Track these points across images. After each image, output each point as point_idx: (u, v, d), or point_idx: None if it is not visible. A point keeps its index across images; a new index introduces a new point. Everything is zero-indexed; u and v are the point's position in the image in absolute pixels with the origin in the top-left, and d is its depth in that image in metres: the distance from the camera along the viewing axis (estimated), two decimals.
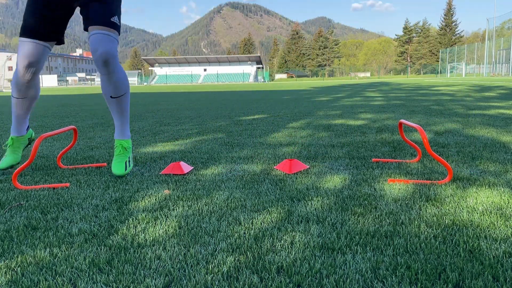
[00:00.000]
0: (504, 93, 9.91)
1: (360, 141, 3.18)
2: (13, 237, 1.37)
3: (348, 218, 1.48)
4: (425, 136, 1.87)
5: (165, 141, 3.44)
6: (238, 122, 4.77)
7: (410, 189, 1.83)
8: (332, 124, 4.33)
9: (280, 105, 7.54)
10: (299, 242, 1.28)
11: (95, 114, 6.46)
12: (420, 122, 4.32)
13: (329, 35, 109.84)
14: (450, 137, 3.24)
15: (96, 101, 10.86)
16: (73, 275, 1.10)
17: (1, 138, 3.83)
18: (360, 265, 1.12)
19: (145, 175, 2.21)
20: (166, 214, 1.57)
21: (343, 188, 1.87)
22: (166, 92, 18.26)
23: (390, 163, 2.38)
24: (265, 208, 1.61)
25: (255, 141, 3.29)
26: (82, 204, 1.72)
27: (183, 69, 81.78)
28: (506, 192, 1.76)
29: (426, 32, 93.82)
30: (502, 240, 1.26)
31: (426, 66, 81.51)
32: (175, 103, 9.17)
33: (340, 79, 66.45)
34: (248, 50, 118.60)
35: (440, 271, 1.08)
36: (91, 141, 3.54)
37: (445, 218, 1.46)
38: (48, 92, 25.00)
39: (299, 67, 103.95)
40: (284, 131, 3.86)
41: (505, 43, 46.55)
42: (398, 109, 6.04)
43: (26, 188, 1.97)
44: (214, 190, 1.89)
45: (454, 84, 19.53)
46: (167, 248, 1.26)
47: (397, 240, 1.28)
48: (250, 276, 1.07)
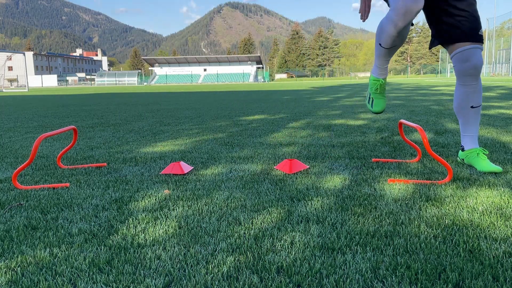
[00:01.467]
0: (504, 93, 9.91)
1: (360, 141, 3.18)
2: (13, 237, 1.37)
3: (348, 218, 1.48)
4: (425, 136, 1.87)
5: (165, 141, 3.44)
6: (238, 122, 4.77)
7: (410, 189, 1.83)
8: (332, 124, 4.33)
9: (280, 105, 7.54)
10: (299, 242, 1.28)
11: (95, 114, 6.46)
12: (420, 122, 4.32)
13: (329, 35, 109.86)
14: (450, 137, 3.24)
15: (96, 101, 10.86)
16: (73, 275, 1.10)
17: (1, 138, 3.83)
18: (360, 265, 1.12)
19: (145, 175, 2.21)
20: (166, 214, 1.57)
21: (343, 188, 1.87)
22: (166, 92, 18.26)
23: (390, 163, 2.38)
24: (265, 208, 1.61)
25: (255, 141, 3.29)
26: (82, 204, 1.72)
27: (183, 69, 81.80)
28: (506, 192, 1.76)
29: (426, 32, 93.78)
30: (502, 240, 1.26)
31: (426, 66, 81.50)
32: (175, 103, 9.17)
33: (340, 79, 66.45)
34: (248, 50, 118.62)
35: (440, 271, 1.08)
36: (91, 141, 3.54)
37: (445, 218, 1.46)
38: (48, 92, 25.00)
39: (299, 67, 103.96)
40: (284, 131, 3.86)
41: (505, 43, 46.56)
42: (398, 109, 6.04)
43: (26, 188, 1.97)
44: (214, 190, 1.89)
45: (454, 84, 19.53)
46: (167, 248, 1.26)
47: (397, 240, 1.28)
48: (250, 276, 1.07)
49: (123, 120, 5.43)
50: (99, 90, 25.87)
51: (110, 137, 3.77)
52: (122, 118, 5.65)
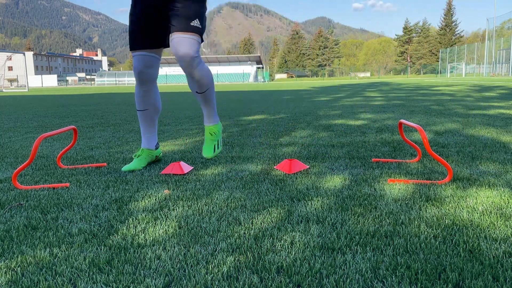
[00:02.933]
0: (504, 93, 9.91)
1: (360, 141, 3.18)
2: (13, 237, 1.37)
3: (348, 218, 1.48)
4: (425, 136, 1.87)
5: (165, 141, 3.44)
6: (238, 122, 4.77)
7: (410, 189, 1.83)
8: (332, 124, 4.33)
9: (280, 105, 7.54)
10: (299, 242, 1.28)
11: (95, 114, 6.46)
12: (420, 122, 4.32)
13: (329, 35, 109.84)
14: (450, 137, 3.24)
15: (96, 101, 10.86)
16: (73, 275, 1.10)
17: (1, 138, 3.83)
18: (360, 265, 1.12)
19: (145, 175, 2.21)
20: (166, 214, 1.57)
21: (343, 188, 1.87)
22: (166, 92, 18.26)
23: (390, 163, 2.38)
24: (265, 208, 1.61)
25: (255, 141, 3.29)
26: (82, 204, 1.72)
27: None
28: (506, 192, 1.76)
29: (426, 32, 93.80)
30: (502, 240, 1.26)
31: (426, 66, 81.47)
32: (175, 103, 9.17)
33: (340, 79, 66.45)
34: (248, 50, 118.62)
35: (440, 271, 1.08)
36: (91, 141, 3.54)
37: (445, 218, 1.46)
38: (48, 92, 25.00)
39: (299, 67, 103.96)
40: (284, 131, 3.86)
41: (505, 43, 46.55)
42: (398, 109, 6.04)
43: (26, 188, 1.97)
44: (214, 190, 1.89)
45: (454, 84, 19.53)
46: (167, 248, 1.26)
47: (397, 240, 1.28)
48: (250, 276, 1.07)
49: (123, 120, 5.43)
50: (99, 90, 25.88)
51: (110, 137, 3.77)
52: (122, 118, 5.65)
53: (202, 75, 2.25)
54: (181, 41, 2.14)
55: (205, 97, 2.36)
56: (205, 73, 2.27)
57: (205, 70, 2.27)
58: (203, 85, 2.29)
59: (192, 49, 2.15)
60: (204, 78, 2.28)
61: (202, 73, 2.24)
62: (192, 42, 2.16)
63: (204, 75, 2.27)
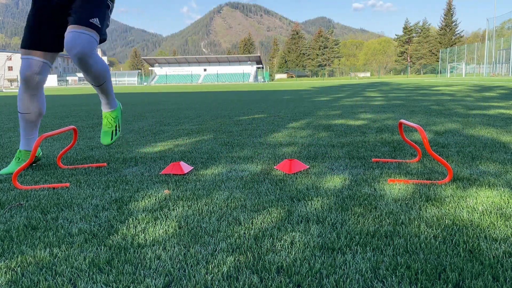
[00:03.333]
0: (504, 93, 9.91)
1: (360, 141, 3.18)
2: (13, 237, 1.37)
3: (348, 218, 1.48)
4: (425, 136, 1.87)
5: (165, 141, 3.44)
6: (238, 122, 4.77)
7: (410, 189, 1.83)
8: (332, 124, 4.33)
9: (280, 105, 7.54)
10: (299, 242, 1.28)
11: (95, 114, 6.46)
12: (420, 122, 4.32)
13: (329, 35, 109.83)
14: (450, 137, 3.24)
15: (96, 101, 10.86)
16: (73, 275, 1.10)
17: (1, 138, 3.83)
18: (360, 265, 1.12)
19: (145, 175, 2.21)
20: (166, 214, 1.57)
21: (343, 188, 1.87)
22: (166, 92, 18.26)
23: (390, 163, 2.38)
24: (265, 208, 1.61)
25: (255, 141, 3.29)
26: (82, 204, 1.72)
27: (183, 69, 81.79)
28: (506, 192, 1.76)
29: (426, 32, 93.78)
30: (502, 240, 1.26)
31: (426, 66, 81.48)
32: (175, 103, 9.17)
33: (340, 79, 66.46)
34: (248, 50, 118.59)
35: (440, 271, 1.08)
36: (91, 141, 3.54)
37: (445, 218, 1.46)
38: (48, 92, 25.01)
39: (299, 67, 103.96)
40: (284, 131, 3.86)
41: (505, 43, 46.55)
42: (398, 109, 6.04)
43: (26, 188, 1.97)
44: (214, 190, 1.89)
45: (454, 84, 19.53)
46: (167, 248, 1.26)
47: (397, 240, 1.28)
48: (250, 276, 1.07)
49: (123, 120, 5.43)
50: None
51: None
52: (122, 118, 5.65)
53: (97, 70, 2.15)
54: (76, 36, 1.99)
55: (102, 88, 2.29)
56: (100, 67, 2.15)
57: (100, 64, 2.15)
58: (99, 78, 2.21)
59: (87, 47, 2.01)
60: (100, 72, 2.18)
61: (97, 68, 2.14)
62: (88, 38, 2.02)
63: (99, 70, 2.16)
